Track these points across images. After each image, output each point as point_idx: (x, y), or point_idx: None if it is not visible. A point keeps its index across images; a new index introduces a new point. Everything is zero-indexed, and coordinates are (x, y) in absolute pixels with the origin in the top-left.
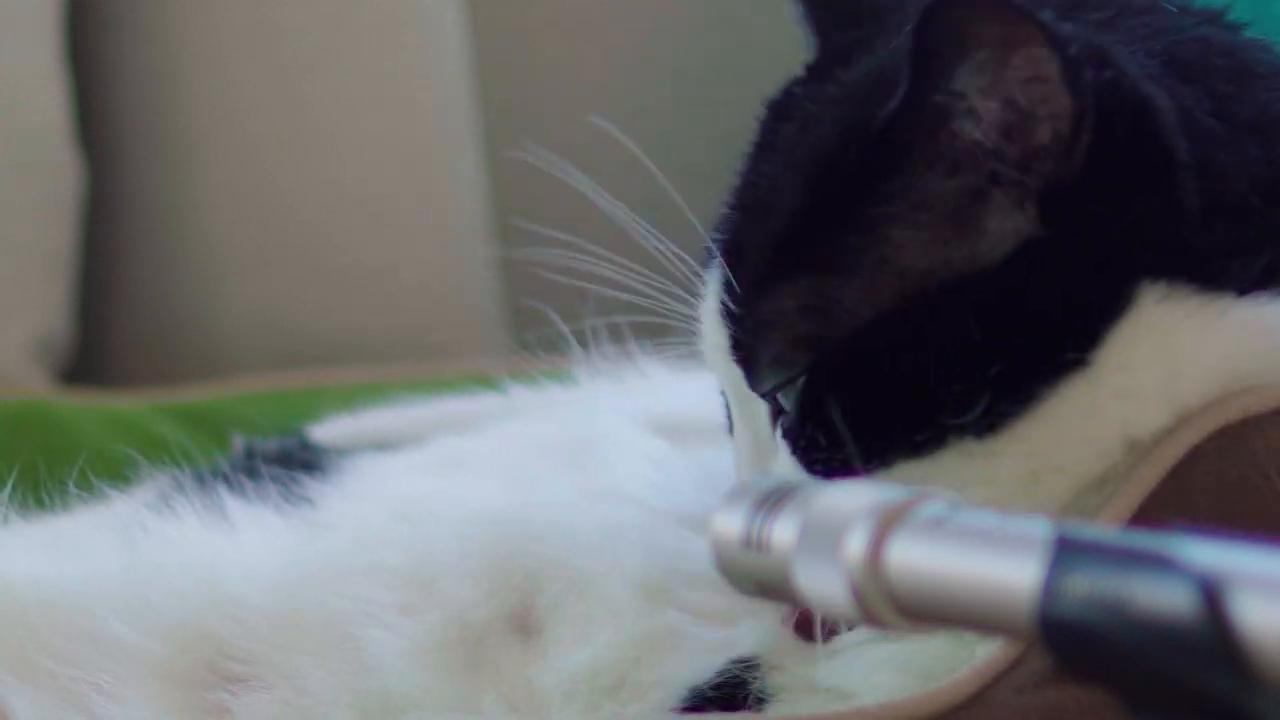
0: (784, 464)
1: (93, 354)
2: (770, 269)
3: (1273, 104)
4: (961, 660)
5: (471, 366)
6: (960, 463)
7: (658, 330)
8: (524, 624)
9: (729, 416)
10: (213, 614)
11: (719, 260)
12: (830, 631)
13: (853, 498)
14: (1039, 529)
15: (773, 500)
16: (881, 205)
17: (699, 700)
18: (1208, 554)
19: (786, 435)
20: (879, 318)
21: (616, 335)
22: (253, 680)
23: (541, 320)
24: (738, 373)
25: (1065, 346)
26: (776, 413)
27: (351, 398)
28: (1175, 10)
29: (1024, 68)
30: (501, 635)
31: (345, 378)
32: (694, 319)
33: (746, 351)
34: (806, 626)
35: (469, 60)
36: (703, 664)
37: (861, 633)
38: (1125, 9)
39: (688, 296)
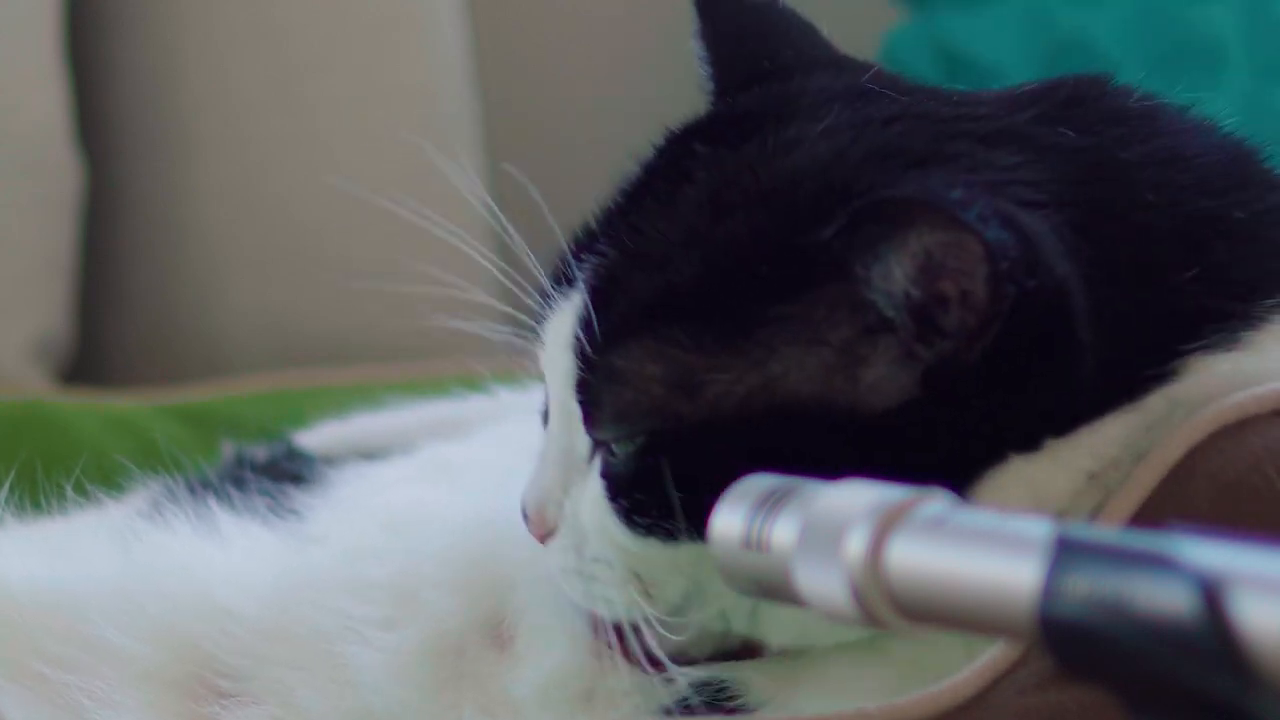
0: (591, 500)
1: (92, 354)
2: (640, 326)
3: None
4: (962, 668)
5: (469, 367)
6: None
7: None
8: (498, 633)
9: (546, 409)
10: (204, 626)
11: (582, 290)
12: (653, 662)
13: (853, 498)
14: (1039, 529)
15: (773, 500)
16: (778, 318)
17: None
18: (1208, 554)
19: (607, 480)
20: (738, 414)
21: None
22: (242, 695)
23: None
24: (572, 401)
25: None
26: (601, 452)
27: (350, 398)
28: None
29: (955, 270)
30: (480, 646)
31: (344, 378)
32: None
33: (591, 396)
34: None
35: (469, 60)
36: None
37: (854, 644)
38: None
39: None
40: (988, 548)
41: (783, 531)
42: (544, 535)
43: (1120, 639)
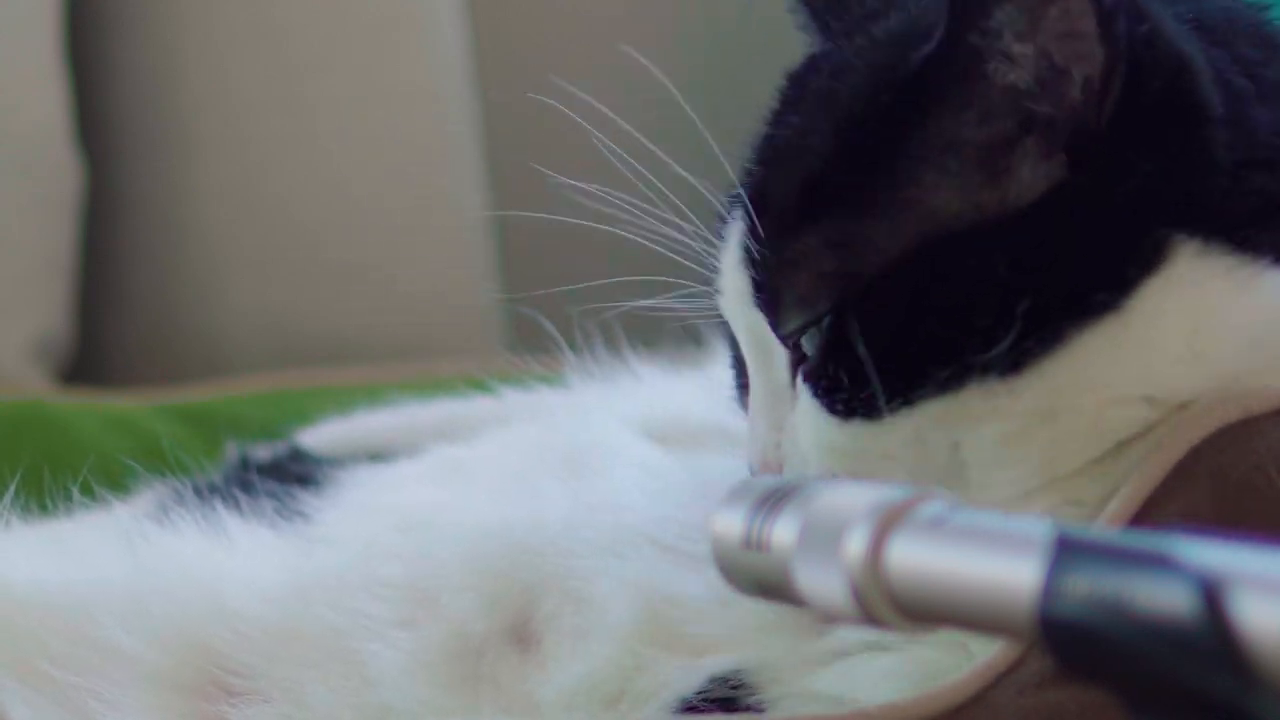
0: (802, 412)
1: (93, 354)
2: (796, 211)
3: None
4: (964, 668)
5: (469, 367)
6: (981, 399)
7: (651, 332)
8: (522, 637)
9: (737, 381)
10: (213, 626)
11: (742, 208)
12: None
13: (853, 498)
14: (1039, 529)
15: (773, 500)
16: (913, 148)
17: (689, 709)
18: (1208, 554)
19: (808, 378)
20: (905, 256)
21: (609, 337)
22: (253, 694)
23: (536, 322)
24: (759, 320)
25: (1095, 289)
26: (796, 361)
27: (350, 398)
28: None
29: (1060, 17)
30: (500, 648)
31: (344, 378)
32: (712, 268)
33: (770, 294)
34: None
35: (469, 60)
36: (695, 675)
37: (859, 643)
38: None
39: (707, 248)
40: (987, 547)
41: (783, 531)
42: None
43: (1120, 639)
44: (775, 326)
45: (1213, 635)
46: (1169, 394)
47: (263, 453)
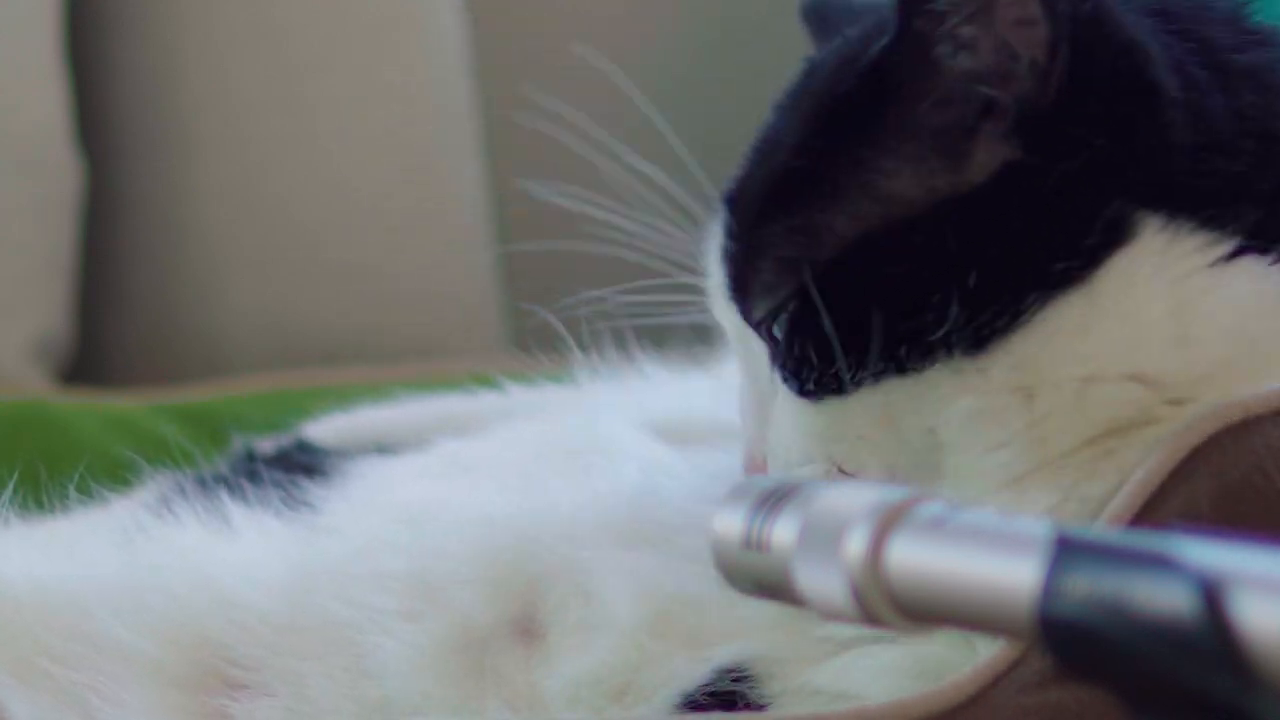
0: (780, 401)
1: (92, 354)
2: (763, 203)
3: (1266, 60)
4: (967, 664)
5: (471, 367)
6: (950, 379)
7: (658, 331)
8: (527, 630)
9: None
10: (215, 618)
11: (722, 207)
12: None
13: (853, 498)
14: (1039, 529)
15: (773, 500)
16: (871, 136)
17: (693, 705)
18: (1208, 554)
19: (776, 360)
20: (863, 239)
21: (618, 336)
22: (255, 686)
23: (541, 320)
24: (737, 314)
25: (1053, 260)
26: (773, 352)
27: (350, 398)
28: None
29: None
30: (505, 641)
31: (345, 378)
32: (703, 271)
33: (739, 284)
34: None
35: (469, 60)
36: (699, 668)
37: (862, 637)
38: None
39: (696, 264)
40: (987, 547)
41: (783, 531)
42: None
43: (1120, 639)
44: (746, 316)
45: (1213, 635)
46: (1156, 373)
47: (267, 445)
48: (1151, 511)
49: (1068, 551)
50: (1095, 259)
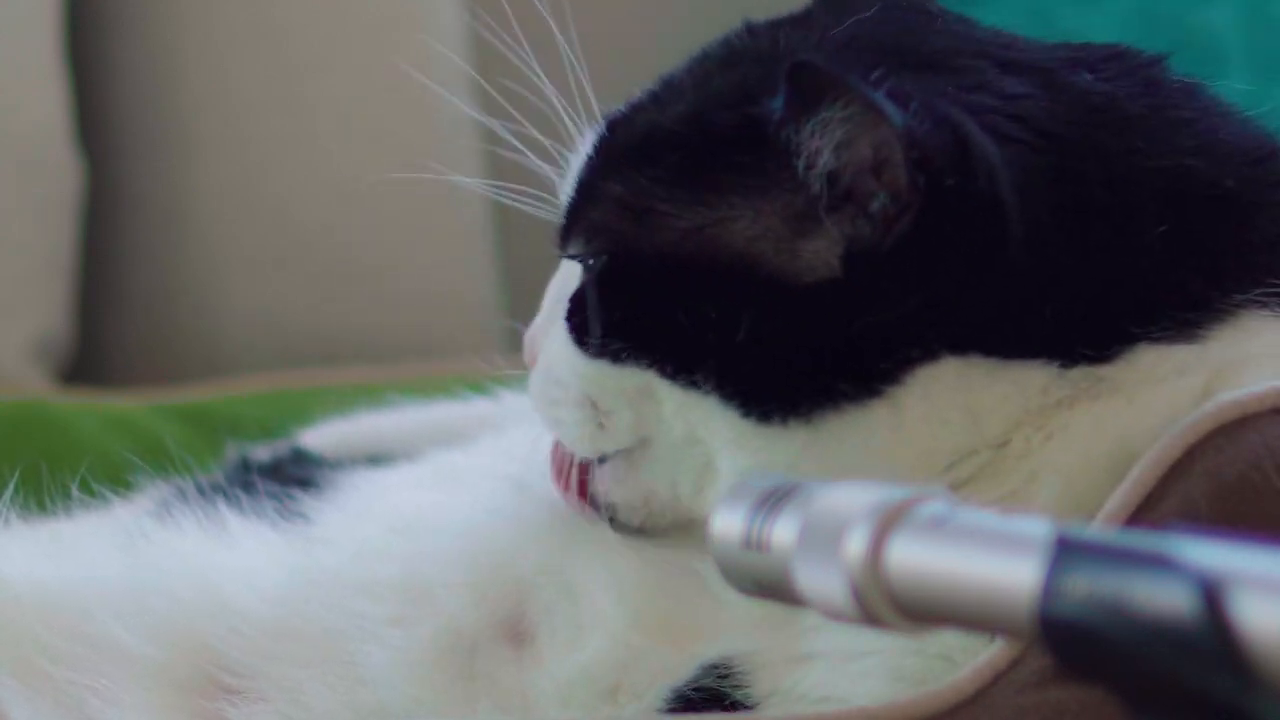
0: (559, 328)
1: (93, 354)
2: (623, 155)
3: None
4: (951, 669)
5: (470, 368)
6: (724, 420)
7: None
8: (516, 631)
9: None
10: (212, 624)
11: (597, 130)
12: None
13: (853, 498)
14: (1039, 529)
15: (773, 500)
16: (732, 170)
17: (682, 703)
18: (1207, 554)
19: (570, 300)
20: (678, 258)
21: None
22: (250, 693)
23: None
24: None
25: (838, 379)
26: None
27: (350, 398)
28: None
29: (869, 149)
30: (494, 643)
31: (344, 378)
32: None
33: (570, 214)
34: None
35: (469, 60)
36: (687, 665)
37: (845, 641)
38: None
39: None
40: (988, 547)
41: (783, 531)
42: (531, 363)
43: (1120, 639)
44: (560, 240)
45: (1212, 635)
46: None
47: (263, 454)
48: (1148, 510)
49: (1068, 551)
50: (877, 390)
